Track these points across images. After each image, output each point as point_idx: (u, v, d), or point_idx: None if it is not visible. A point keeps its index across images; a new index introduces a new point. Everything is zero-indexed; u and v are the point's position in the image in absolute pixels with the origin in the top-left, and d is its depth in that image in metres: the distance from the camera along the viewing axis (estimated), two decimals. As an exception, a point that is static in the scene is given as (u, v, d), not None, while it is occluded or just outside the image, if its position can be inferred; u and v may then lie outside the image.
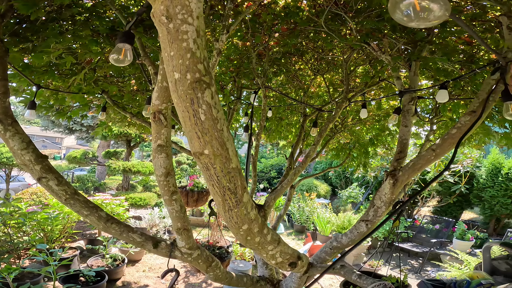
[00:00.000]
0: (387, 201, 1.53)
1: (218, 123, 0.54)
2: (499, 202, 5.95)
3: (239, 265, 4.14)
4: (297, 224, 7.24)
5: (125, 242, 4.43)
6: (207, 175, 0.58)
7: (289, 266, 1.17)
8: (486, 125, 2.17)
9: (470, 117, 1.15)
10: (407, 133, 1.62)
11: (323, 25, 1.78)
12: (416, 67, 1.89)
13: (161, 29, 0.51)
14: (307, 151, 2.14)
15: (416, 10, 0.61)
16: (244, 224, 0.69)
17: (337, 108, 2.17)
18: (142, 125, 3.19)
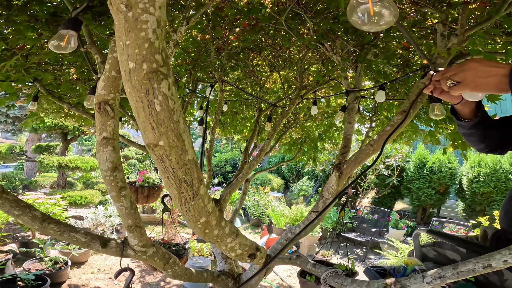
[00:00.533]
0: (334, 193, 1.64)
1: (174, 114, 0.53)
2: (424, 193, 6.75)
3: (198, 261, 4.09)
4: (253, 218, 7.38)
5: (68, 243, 4.08)
6: (162, 167, 0.56)
7: (249, 258, 1.19)
8: (414, 124, 2.45)
9: (401, 116, 1.28)
10: (351, 129, 1.76)
11: (284, 23, 1.84)
12: (361, 68, 2.04)
13: (118, 17, 0.49)
14: (261, 146, 2.19)
15: (370, 15, 0.67)
16: (201, 217, 0.69)
17: (290, 104, 2.26)
18: (82, 117, 2.95)
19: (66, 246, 4.08)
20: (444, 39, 1.45)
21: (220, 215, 0.76)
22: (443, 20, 1.46)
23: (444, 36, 1.45)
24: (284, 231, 6.24)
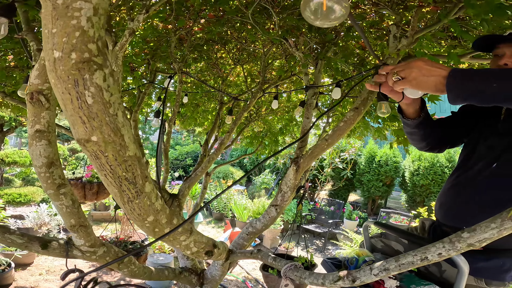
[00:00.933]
0: (292, 186, 1.67)
1: (111, 107, 0.48)
2: (373, 186, 7.24)
3: (159, 258, 3.94)
4: (215, 212, 7.30)
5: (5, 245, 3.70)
6: (97, 164, 0.51)
7: (206, 255, 1.16)
8: (366, 120, 2.59)
9: (353, 113, 1.34)
10: (308, 124, 1.80)
11: (250, 17, 1.81)
12: (321, 65, 2.09)
13: (45, 4, 0.42)
14: (222, 139, 2.15)
15: (322, 11, 0.66)
16: (149, 216, 0.65)
17: (252, 98, 2.24)
18: (19, 107, 2.66)
19: (7, 248, 3.72)
20: (396, 40, 1.52)
21: (171, 213, 0.72)
22: (397, 22, 1.52)
23: (396, 38, 1.52)
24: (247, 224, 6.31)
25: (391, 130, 2.31)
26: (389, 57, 1.48)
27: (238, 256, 1.80)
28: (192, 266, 2.14)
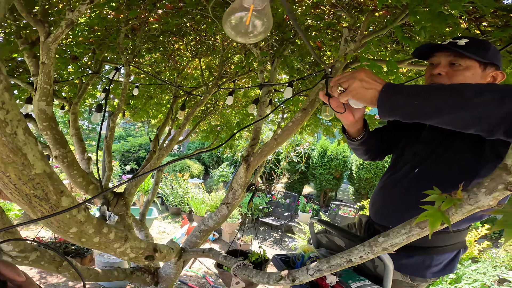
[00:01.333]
0: (242, 184, 1.69)
1: (7, 126, 0.41)
2: (325, 179, 7.63)
3: (110, 258, 3.70)
4: (172, 207, 7.06)
5: None
6: (1, 183, 0.44)
7: (146, 260, 1.12)
8: (317, 118, 2.69)
9: (302, 113, 1.37)
10: (260, 122, 1.80)
11: (210, 10, 1.74)
12: (277, 63, 2.10)
13: None
14: (173, 135, 2.07)
15: (244, 26, 0.62)
16: (71, 228, 0.59)
17: (206, 93, 2.18)
18: None
19: None
20: (346, 43, 1.58)
21: (99, 222, 0.66)
22: (350, 25, 1.57)
23: (347, 41, 1.58)
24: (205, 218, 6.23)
25: (339, 129, 2.43)
26: (337, 60, 1.54)
27: (191, 254, 1.84)
28: (144, 265, 2.03)
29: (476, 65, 0.88)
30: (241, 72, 2.46)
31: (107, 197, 1.95)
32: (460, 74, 0.88)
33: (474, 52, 0.86)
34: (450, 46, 0.89)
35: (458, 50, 0.87)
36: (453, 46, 0.89)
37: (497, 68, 0.90)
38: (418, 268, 0.98)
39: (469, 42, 0.89)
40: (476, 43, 0.89)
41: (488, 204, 0.49)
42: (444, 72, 0.91)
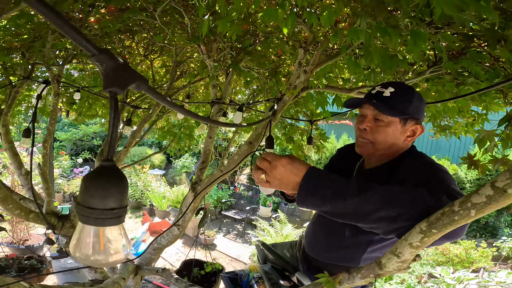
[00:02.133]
0: (192, 209, 1.80)
1: None
2: None
3: (68, 262, 3.45)
4: (132, 201, 6.78)
5: None
6: None
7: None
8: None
9: (247, 147, 1.36)
10: (210, 144, 1.76)
11: (157, 17, 1.59)
12: (232, 76, 2.02)
13: None
14: (118, 154, 1.92)
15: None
16: None
17: (155, 105, 2.04)
18: None
19: None
20: (300, 67, 1.53)
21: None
22: (307, 44, 1.50)
23: (300, 65, 1.53)
24: (167, 213, 6.08)
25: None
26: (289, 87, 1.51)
27: (146, 272, 1.95)
28: (103, 278, 2.12)
29: (397, 121, 0.94)
30: (193, 80, 2.34)
31: (51, 222, 1.85)
32: (382, 130, 0.95)
33: (396, 107, 0.92)
34: (374, 100, 0.94)
35: (380, 110, 0.93)
36: (378, 98, 0.94)
37: (417, 121, 0.97)
38: None
39: (394, 92, 0.94)
40: (401, 93, 0.94)
41: (361, 284, 0.71)
42: (368, 127, 0.97)
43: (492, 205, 0.48)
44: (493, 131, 0.99)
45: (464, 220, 0.52)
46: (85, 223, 0.40)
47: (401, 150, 1.00)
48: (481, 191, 0.48)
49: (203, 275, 2.39)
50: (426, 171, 0.85)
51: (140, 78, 0.41)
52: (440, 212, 0.54)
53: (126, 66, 0.40)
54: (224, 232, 5.81)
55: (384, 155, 1.00)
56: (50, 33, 1.44)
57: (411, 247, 0.58)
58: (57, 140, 9.12)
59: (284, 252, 1.62)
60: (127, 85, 0.40)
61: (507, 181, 0.45)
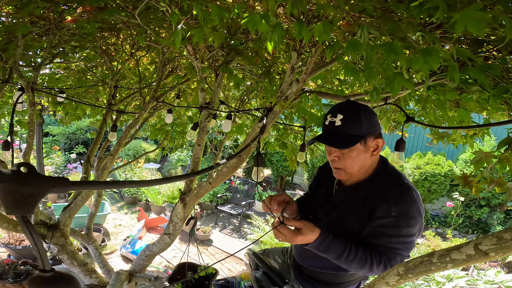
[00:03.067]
0: (182, 218, 1.76)
1: None
2: (282, 165, 7.83)
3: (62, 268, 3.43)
4: (127, 196, 6.71)
5: None
6: None
7: None
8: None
9: (237, 160, 1.30)
10: (200, 151, 1.69)
11: (137, 17, 1.49)
12: (221, 78, 1.92)
13: None
14: (104, 163, 1.84)
15: None
16: None
17: (142, 110, 1.95)
18: None
19: None
20: (292, 73, 1.43)
21: None
22: (299, 49, 1.40)
23: (293, 70, 1.43)
24: (163, 209, 6.05)
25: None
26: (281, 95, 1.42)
27: (139, 279, 2.00)
28: (98, 282, 2.15)
29: (358, 145, 1.01)
30: (182, 81, 2.23)
31: (40, 232, 1.83)
32: (348, 157, 1.04)
33: (349, 133, 1.00)
34: (330, 135, 1.03)
35: (336, 147, 1.02)
36: (332, 129, 1.03)
37: (375, 134, 1.04)
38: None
39: (343, 119, 1.01)
40: (350, 118, 1.01)
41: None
42: (336, 157, 1.06)
43: (470, 262, 0.48)
44: (491, 153, 0.93)
45: (439, 270, 0.54)
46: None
47: (373, 165, 1.09)
48: (463, 249, 0.48)
49: (196, 279, 2.36)
50: (393, 223, 0.99)
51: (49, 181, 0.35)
52: (419, 260, 0.56)
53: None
54: (220, 227, 5.81)
55: (360, 173, 1.09)
56: (20, 37, 1.33)
57: (387, 285, 0.62)
58: (50, 135, 8.98)
59: (276, 258, 1.62)
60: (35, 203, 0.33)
61: (492, 246, 0.44)
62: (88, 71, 2.68)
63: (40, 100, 2.97)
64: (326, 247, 0.98)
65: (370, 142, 1.03)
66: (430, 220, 6.06)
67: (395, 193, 1.00)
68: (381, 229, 1.00)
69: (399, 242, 0.98)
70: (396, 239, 0.98)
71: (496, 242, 0.43)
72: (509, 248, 0.41)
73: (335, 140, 1.01)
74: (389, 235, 0.98)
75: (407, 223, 0.97)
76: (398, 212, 0.97)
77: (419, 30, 0.69)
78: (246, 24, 0.88)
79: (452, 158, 6.49)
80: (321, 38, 0.78)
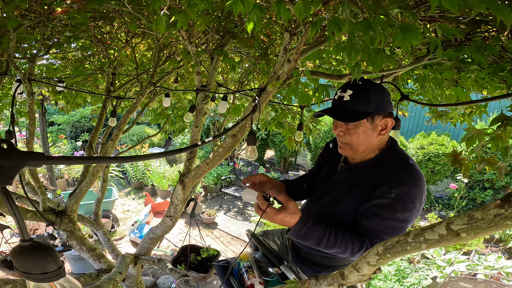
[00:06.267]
0: (182, 200, 1.80)
1: None
2: (284, 146, 7.83)
3: (72, 254, 3.59)
4: (134, 181, 6.84)
5: None
6: None
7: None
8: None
9: (232, 140, 1.31)
10: (197, 133, 1.71)
11: (127, 5, 1.47)
12: (217, 61, 1.90)
13: None
14: (105, 147, 1.87)
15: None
16: None
17: (140, 95, 1.95)
18: None
19: None
20: (285, 54, 1.42)
21: None
22: (292, 30, 1.38)
23: (286, 51, 1.42)
24: (169, 193, 6.17)
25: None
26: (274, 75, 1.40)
27: (144, 262, 2.09)
28: (108, 267, 2.25)
29: (364, 121, 1.00)
30: (177, 66, 2.21)
31: (49, 219, 1.89)
32: (354, 132, 1.02)
33: (357, 109, 0.98)
34: (337, 109, 1.02)
35: (342, 121, 1.00)
36: (340, 104, 1.01)
37: (385, 114, 1.02)
38: None
39: (352, 95, 0.99)
40: (359, 94, 0.99)
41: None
42: (342, 132, 1.06)
43: (444, 243, 0.48)
44: (483, 130, 0.91)
45: (414, 250, 0.55)
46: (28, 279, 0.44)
47: (381, 145, 1.07)
48: (435, 228, 0.48)
49: (199, 260, 2.45)
50: (393, 201, 0.96)
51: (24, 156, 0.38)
52: (395, 240, 0.58)
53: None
54: (224, 209, 5.91)
55: (366, 152, 1.07)
56: (12, 31, 1.32)
57: (369, 265, 0.65)
58: (55, 124, 9.07)
59: (275, 239, 1.66)
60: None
61: (463, 226, 0.44)
62: (85, 60, 2.67)
63: (41, 90, 2.99)
64: (304, 235, 0.95)
65: (378, 121, 1.01)
66: (433, 202, 6.05)
67: (399, 175, 0.97)
68: (375, 209, 0.97)
69: (389, 226, 0.95)
70: (386, 222, 0.95)
71: (467, 222, 0.42)
72: (479, 228, 0.40)
73: (340, 113, 1.00)
74: (381, 216, 0.95)
75: (403, 207, 0.94)
76: (397, 194, 0.94)
77: (397, 7, 0.67)
78: (230, 7, 0.86)
79: (457, 139, 6.40)
80: (302, 16, 0.77)
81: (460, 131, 6.78)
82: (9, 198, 0.38)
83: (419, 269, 2.90)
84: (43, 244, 0.42)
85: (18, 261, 0.41)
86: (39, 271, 0.41)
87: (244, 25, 1.92)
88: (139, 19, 1.77)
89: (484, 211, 0.39)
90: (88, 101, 3.16)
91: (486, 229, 0.40)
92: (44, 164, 0.42)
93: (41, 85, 2.62)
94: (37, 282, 0.43)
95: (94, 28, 2.11)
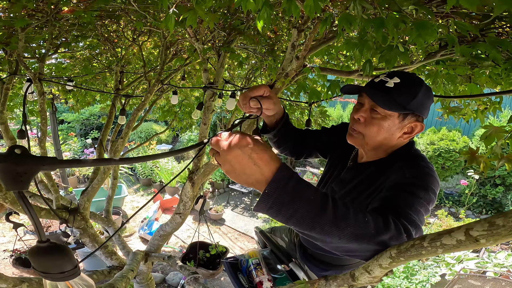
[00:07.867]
0: (191, 197, 1.82)
1: None
2: None
3: (84, 251, 3.67)
4: (142, 178, 6.93)
5: None
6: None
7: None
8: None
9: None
10: (206, 130, 1.71)
11: (133, 3, 1.47)
12: (224, 58, 1.89)
13: None
14: (116, 145, 1.89)
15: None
16: None
17: (148, 93, 1.96)
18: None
19: None
20: (293, 50, 1.40)
21: None
22: (299, 26, 1.36)
23: (294, 47, 1.40)
24: (177, 189, 6.22)
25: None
26: (283, 72, 1.39)
27: (154, 258, 2.15)
28: (119, 263, 2.29)
29: (395, 115, 0.87)
30: (184, 63, 2.21)
31: (62, 217, 1.93)
32: (376, 123, 0.89)
33: (396, 100, 0.85)
34: (374, 90, 0.87)
35: (376, 101, 0.85)
36: (379, 88, 0.86)
37: (418, 118, 0.89)
38: None
39: (398, 84, 0.86)
40: (406, 85, 0.86)
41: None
42: (363, 118, 0.92)
43: (461, 248, 0.47)
44: (502, 128, 0.88)
45: (429, 255, 0.53)
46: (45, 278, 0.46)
47: (395, 147, 0.94)
48: (454, 234, 0.47)
49: (208, 257, 2.46)
50: (409, 185, 0.79)
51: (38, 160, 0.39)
52: (410, 243, 0.56)
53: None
54: (232, 206, 5.94)
55: (378, 150, 0.96)
56: (20, 31, 1.34)
57: (381, 267, 0.62)
58: (65, 122, 9.22)
59: (283, 236, 1.66)
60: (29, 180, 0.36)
61: (483, 232, 0.42)
62: (94, 59, 2.69)
63: (51, 89, 3.03)
64: (294, 190, 0.56)
65: (408, 122, 0.88)
66: (443, 198, 5.96)
67: (411, 169, 0.84)
68: (393, 191, 0.79)
69: (418, 203, 0.75)
70: (415, 199, 0.75)
71: (488, 228, 0.41)
72: (500, 235, 0.39)
73: (378, 95, 0.85)
74: (408, 191, 0.77)
75: (424, 186, 0.79)
76: (413, 175, 0.81)
77: (412, 3, 0.65)
78: (239, 4, 0.85)
79: (468, 134, 6.27)
80: (312, 13, 0.75)
81: (471, 127, 6.64)
82: (26, 202, 0.39)
83: (428, 266, 2.87)
84: (59, 245, 0.44)
85: (36, 261, 0.43)
86: (56, 271, 0.43)
87: (251, 22, 1.90)
88: (145, 17, 1.77)
89: (506, 218, 0.38)
90: (97, 99, 3.20)
91: (506, 236, 0.39)
92: (58, 167, 0.42)
93: (51, 84, 2.65)
94: (55, 281, 0.45)
95: (101, 27, 2.13)
